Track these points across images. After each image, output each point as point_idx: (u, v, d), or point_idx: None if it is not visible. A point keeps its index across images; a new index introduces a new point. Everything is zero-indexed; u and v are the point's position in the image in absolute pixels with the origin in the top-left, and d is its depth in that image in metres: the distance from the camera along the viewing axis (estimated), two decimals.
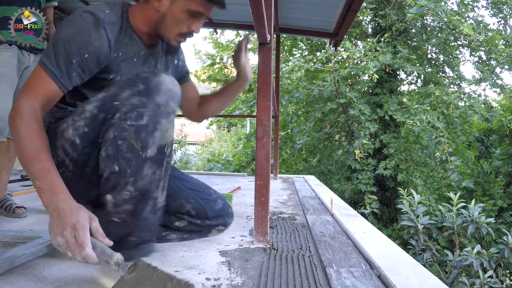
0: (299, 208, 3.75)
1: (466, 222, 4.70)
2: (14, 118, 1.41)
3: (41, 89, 1.48)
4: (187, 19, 1.65)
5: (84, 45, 1.50)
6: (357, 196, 10.42)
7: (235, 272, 1.81)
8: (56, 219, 1.32)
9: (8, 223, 2.65)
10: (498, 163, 10.96)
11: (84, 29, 1.51)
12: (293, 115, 12.02)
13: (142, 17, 1.69)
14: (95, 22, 1.53)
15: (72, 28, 1.52)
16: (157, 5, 1.63)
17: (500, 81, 11.11)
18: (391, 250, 2.20)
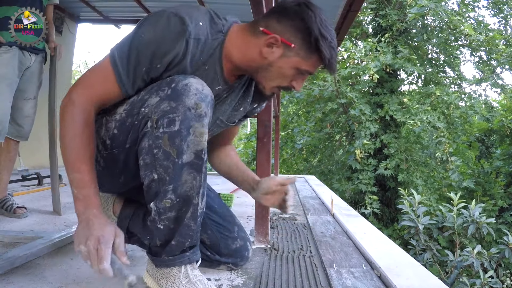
0: (299, 208, 3.75)
1: (466, 222, 4.69)
2: (67, 111, 1.38)
3: (104, 89, 1.43)
4: (293, 75, 1.52)
5: (160, 55, 1.39)
6: (358, 196, 10.43)
7: (236, 273, 1.81)
8: (84, 228, 1.32)
9: (9, 223, 2.65)
10: (499, 163, 10.96)
11: (166, 38, 1.39)
12: (294, 115, 12.03)
13: (241, 51, 1.52)
14: (180, 32, 1.39)
15: (154, 32, 1.39)
16: (266, 52, 1.46)
17: (501, 81, 11.14)
18: (391, 250, 2.20)
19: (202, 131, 1.35)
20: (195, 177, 1.38)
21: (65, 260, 1.89)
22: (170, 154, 1.34)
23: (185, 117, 1.33)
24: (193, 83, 1.36)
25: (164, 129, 1.33)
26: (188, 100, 1.33)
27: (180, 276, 1.44)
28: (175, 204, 1.39)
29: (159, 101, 1.35)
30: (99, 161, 1.54)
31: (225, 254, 1.79)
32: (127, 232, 1.82)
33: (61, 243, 2.10)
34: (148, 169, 1.39)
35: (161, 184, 1.38)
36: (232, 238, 1.80)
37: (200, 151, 1.37)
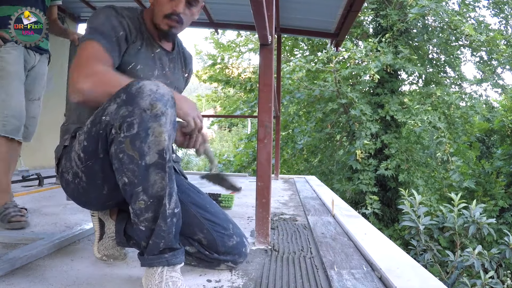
0: (300, 209, 3.74)
1: (467, 223, 4.69)
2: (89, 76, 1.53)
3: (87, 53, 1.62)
4: (168, 1, 1.77)
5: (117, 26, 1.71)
6: (358, 197, 10.42)
7: (236, 274, 1.81)
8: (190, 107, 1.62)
9: None
10: (499, 163, 10.95)
11: (113, 15, 1.73)
12: (294, 115, 12.02)
13: (148, 18, 1.88)
14: (117, 12, 1.76)
15: (102, 16, 1.72)
16: (151, 1, 1.82)
17: (501, 81, 11.13)
18: (392, 251, 2.19)
19: (160, 130, 1.39)
20: (163, 177, 1.42)
21: (65, 261, 1.90)
22: (133, 157, 1.39)
23: (142, 119, 1.38)
24: (146, 85, 1.41)
25: (125, 133, 1.39)
26: (142, 102, 1.38)
27: (155, 276, 1.46)
28: (149, 204, 1.43)
29: (117, 108, 1.42)
30: (80, 177, 1.63)
31: (223, 252, 1.79)
32: (125, 235, 1.84)
33: (62, 244, 2.11)
34: (119, 173, 1.45)
35: (132, 187, 1.42)
36: (228, 235, 1.81)
37: (162, 151, 1.40)
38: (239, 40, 13.44)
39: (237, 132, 27.24)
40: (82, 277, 1.70)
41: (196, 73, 14.36)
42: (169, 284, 1.45)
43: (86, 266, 1.85)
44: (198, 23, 6.79)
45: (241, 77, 13.08)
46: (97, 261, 1.91)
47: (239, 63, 13.89)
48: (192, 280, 1.70)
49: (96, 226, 1.92)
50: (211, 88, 16.76)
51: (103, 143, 1.49)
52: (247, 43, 13.46)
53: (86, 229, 2.40)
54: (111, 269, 1.82)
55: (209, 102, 18.25)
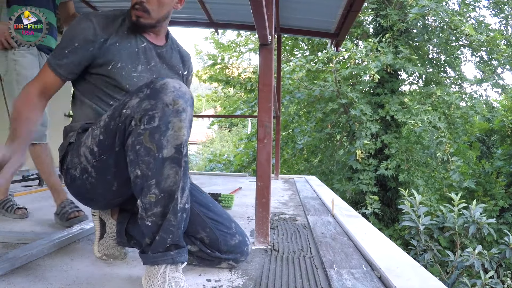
0: (300, 209, 3.74)
1: (467, 223, 4.69)
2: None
3: (41, 76, 1.78)
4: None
5: (74, 36, 1.76)
6: (358, 196, 10.42)
7: (236, 274, 1.81)
8: None
9: (10, 224, 2.65)
10: (500, 163, 10.95)
11: (75, 24, 1.78)
12: (294, 115, 12.01)
13: None
14: (84, 17, 1.79)
15: (69, 28, 1.80)
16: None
17: (502, 81, 11.11)
18: (392, 251, 2.20)
19: (180, 125, 1.43)
20: (176, 172, 1.44)
21: (65, 260, 1.90)
22: (150, 149, 1.41)
23: (164, 113, 1.41)
24: (170, 82, 1.46)
25: (145, 126, 1.42)
26: (166, 97, 1.42)
27: (158, 276, 1.46)
28: (160, 199, 1.43)
29: (139, 101, 1.45)
30: (90, 172, 1.64)
31: (225, 251, 1.80)
32: (126, 235, 1.84)
33: (62, 244, 2.11)
34: (132, 165, 1.46)
35: (145, 180, 1.43)
36: (231, 234, 1.82)
37: (179, 145, 1.43)
38: (239, 40, 13.44)
39: (237, 132, 27.22)
40: (82, 276, 1.70)
41: (196, 73, 14.35)
42: (171, 285, 1.45)
43: (86, 265, 1.85)
44: (198, 23, 6.79)
45: (241, 77, 13.07)
46: (97, 261, 1.91)
47: (239, 63, 13.89)
48: (192, 280, 1.71)
49: (97, 226, 1.92)
50: (211, 88, 16.76)
51: (120, 136, 1.51)
52: (247, 43, 13.46)
53: (86, 228, 2.40)
54: (111, 268, 1.83)
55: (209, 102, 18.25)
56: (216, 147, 25.58)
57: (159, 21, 1.86)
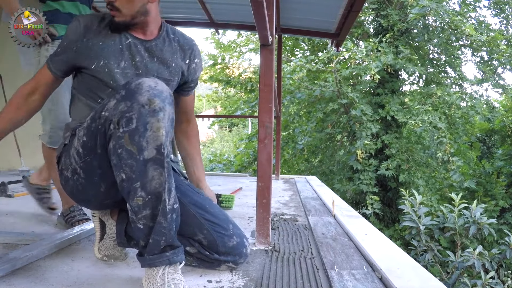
0: (300, 209, 3.74)
1: (468, 223, 4.69)
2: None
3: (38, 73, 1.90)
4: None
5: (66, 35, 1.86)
6: (359, 197, 10.43)
7: (237, 275, 1.81)
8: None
9: (10, 225, 2.65)
10: (500, 164, 10.94)
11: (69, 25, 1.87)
12: (295, 116, 12.02)
13: None
14: (75, 18, 1.87)
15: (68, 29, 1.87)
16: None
17: (502, 81, 11.11)
18: (392, 252, 2.19)
19: (158, 125, 1.41)
20: (161, 173, 1.43)
21: (66, 261, 1.90)
22: (132, 152, 1.40)
23: (140, 114, 1.39)
24: (145, 81, 1.45)
25: (123, 128, 1.41)
26: (141, 98, 1.41)
27: (157, 278, 1.46)
28: (147, 201, 1.43)
29: (116, 103, 1.45)
30: (79, 173, 1.65)
31: (223, 253, 1.79)
32: (126, 236, 1.84)
33: (62, 245, 2.11)
34: (117, 169, 1.45)
35: (130, 183, 1.43)
36: (228, 236, 1.81)
37: (160, 146, 1.41)
38: (240, 40, 13.45)
39: (237, 132, 27.26)
40: (83, 277, 1.70)
41: None
42: (171, 287, 1.45)
43: (86, 266, 1.85)
44: (199, 23, 6.80)
45: (242, 77, 13.07)
46: (97, 262, 1.91)
47: (240, 63, 13.90)
48: (192, 281, 1.70)
49: (97, 227, 1.92)
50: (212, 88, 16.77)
51: (101, 138, 1.51)
52: (247, 43, 13.46)
53: (86, 229, 2.40)
54: (111, 269, 1.83)
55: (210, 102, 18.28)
56: (217, 147, 25.61)
57: (134, 16, 1.82)
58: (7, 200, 3.63)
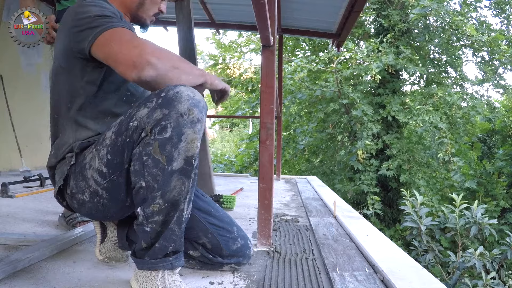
0: (302, 210, 3.74)
1: (469, 223, 4.68)
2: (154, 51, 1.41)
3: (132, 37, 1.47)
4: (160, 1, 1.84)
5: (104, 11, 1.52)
6: (360, 197, 10.43)
7: (239, 276, 1.80)
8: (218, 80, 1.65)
9: (11, 226, 2.65)
10: (501, 164, 10.94)
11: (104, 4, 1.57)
12: (296, 116, 12.02)
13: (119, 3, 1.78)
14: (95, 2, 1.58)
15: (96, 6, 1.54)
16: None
17: (503, 81, 11.11)
18: (394, 253, 2.19)
19: (194, 137, 1.36)
20: (183, 183, 1.39)
21: (67, 263, 1.89)
22: (159, 161, 1.35)
23: (178, 124, 1.34)
24: (183, 90, 1.38)
25: (155, 136, 1.35)
26: (180, 106, 1.35)
27: (157, 281, 1.44)
28: (163, 208, 1.39)
29: (149, 111, 1.37)
30: (101, 195, 1.55)
31: (227, 256, 1.78)
32: (127, 240, 1.84)
33: (64, 246, 2.10)
34: (137, 176, 1.40)
35: (149, 191, 1.38)
36: (233, 239, 1.80)
37: (191, 157, 1.37)
38: (241, 41, 13.45)
39: (238, 132, 27.25)
40: (84, 279, 1.70)
41: None
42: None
43: (88, 268, 1.85)
44: (200, 24, 6.79)
45: (243, 77, 13.09)
46: (99, 263, 1.91)
47: (241, 64, 13.90)
48: (194, 283, 1.70)
49: (98, 230, 1.91)
50: None
51: (129, 152, 1.43)
52: (248, 43, 13.47)
53: (88, 230, 2.40)
54: (113, 271, 1.82)
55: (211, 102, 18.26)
56: (217, 147, 25.59)
57: None
58: (8, 201, 3.62)
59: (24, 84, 6.17)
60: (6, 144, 5.58)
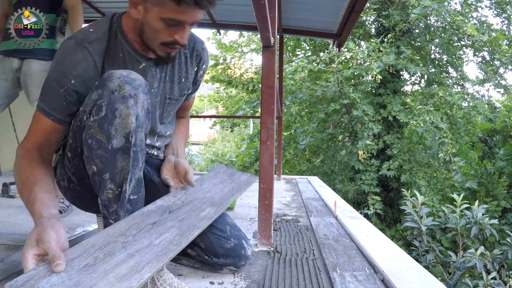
0: (302, 210, 3.75)
1: (469, 223, 4.69)
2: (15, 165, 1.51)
3: (36, 128, 1.52)
4: (166, 28, 1.47)
5: (67, 72, 1.47)
6: (361, 197, 10.43)
7: (239, 276, 1.81)
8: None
9: (12, 226, 2.65)
10: (502, 164, 10.93)
11: (65, 56, 1.50)
12: (297, 116, 12.03)
13: (129, 25, 1.60)
14: (75, 45, 1.51)
15: (56, 59, 1.52)
16: (134, 13, 1.50)
17: (504, 81, 11.11)
18: (394, 253, 2.20)
19: (128, 112, 1.34)
20: (128, 163, 1.38)
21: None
22: (101, 141, 1.35)
23: (110, 100, 1.33)
24: (117, 71, 1.39)
25: (94, 117, 1.35)
26: (111, 84, 1.34)
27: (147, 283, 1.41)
28: (117, 194, 1.39)
29: (89, 94, 1.40)
30: (73, 181, 1.59)
31: (222, 255, 1.75)
32: None
33: None
34: (88, 162, 1.41)
35: (100, 175, 1.38)
36: (225, 238, 1.77)
37: (128, 134, 1.35)
38: (241, 41, 13.45)
39: (239, 132, 27.27)
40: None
41: None
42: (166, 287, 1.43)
43: None
44: (200, 24, 6.79)
45: (243, 77, 13.08)
46: None
47: (241, 64, 13.90)
48: (195, 283, 1.71)
49: (101, 227, 1.91)
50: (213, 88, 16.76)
51: (80, 135, 1.44)
52: (249, 44, 13.47)
53: (88, 230, 2.40)
54: None
55: (211, 102, 18.27)
56: (218, 147, 25.62)
57: None
58: (9, 201, 3.63)
59: None
60: (7, 144, 5.57)
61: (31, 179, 1.40)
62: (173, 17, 1.44)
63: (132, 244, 1.22)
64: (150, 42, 1.55)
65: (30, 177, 1.41)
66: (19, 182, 1.43)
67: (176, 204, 1.50)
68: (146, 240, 1.26)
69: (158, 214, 1.41)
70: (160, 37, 1.51)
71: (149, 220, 1.36)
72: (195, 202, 1.56)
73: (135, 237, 1.25)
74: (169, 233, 1.33)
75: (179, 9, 1.41)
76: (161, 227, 1.35)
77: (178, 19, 1.45)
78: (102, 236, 1.22)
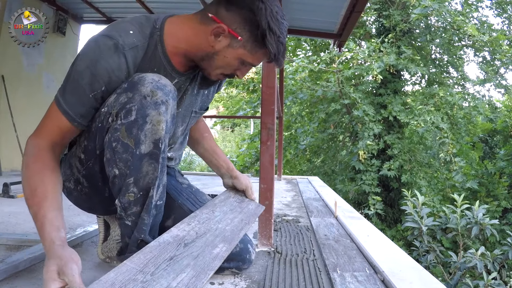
0: (303, 210, 3.74)
1: (470, 224, 4.68)
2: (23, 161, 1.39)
3: (52, 124, 1.43)
4: (238, 65, 1.50)
5: (100, 77, 1.38)
6: (361, 197, 10.43)
7: (240, 276, 1.80)
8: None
9: (13, 227, 2.65)
10: (502, 164, 10.94)
11: (100, 58, 1.37)
12: (297, 116, 12.04)
13: (187, 40, 1.51)
14: (113, 48, 1.39)
15: (88, 57, 1.38)
16: (212, 40, 1.44)
17: (505, 81, 11.15)
18: (395, 254, 2.19)
19: (159, 119, 1.33)
20: (155, 168, 1.37)
21: None
22: (128, 145, 1.33)
23: (141, 105, 1.32)
24: (149, 75, 1.36)
25: (122, 121, 1.33)
26: (143, 89, 1.32)
27: None
28: (139, 197, 1.38)
29: (116, 96, 1.36)
30: (82, 183, 1.57)
31: (227, 259, 1.75)
32: None
33: None
34: (110, 164, 1.38)
35: (123, 179, 1.37)
36: None
37: (158, 140, 1.34)
38: None
39: (239, 132, 27.27)
40: (86, 279, 1.69)
41: None
42: None
43: (89, 268, 1.85)
44: None
45: (244, 77, 13.07)
46: (100, 264, 1.91)
47: None
48: None
49: (101, 228, 1.91)
50: None
51: (100, 137, 1.41)
52: None
53: (89, 231, 2.40)
54: None
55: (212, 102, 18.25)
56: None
57: None
58: (10, 201, 3.62)
59: (26, 84, 6.18)
60: (7, 144, 5.58)
61: (41, 190, 1.31)
62: (252, 63, 1.50)
63: (151, 284, 1.20)
64: (211, 68, 1.53)
65: (40, 188, 1.31)
66: (27, 190, 1.33)
67: (190, 235, 1.47)
68: (164, 280, 1.23)
69: (174, 246, 1.38)
70: (226, 70, 1.52)
71: (165, 255, 1.33)
72: (208, 235, 1.53)
73: (153, 276, 1.22)
74: (185, 274, 1.30)
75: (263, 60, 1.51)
76: (177, 264, 1.33)
77: (255, 64, 1.52)
78: (121, 273, 1.19)
